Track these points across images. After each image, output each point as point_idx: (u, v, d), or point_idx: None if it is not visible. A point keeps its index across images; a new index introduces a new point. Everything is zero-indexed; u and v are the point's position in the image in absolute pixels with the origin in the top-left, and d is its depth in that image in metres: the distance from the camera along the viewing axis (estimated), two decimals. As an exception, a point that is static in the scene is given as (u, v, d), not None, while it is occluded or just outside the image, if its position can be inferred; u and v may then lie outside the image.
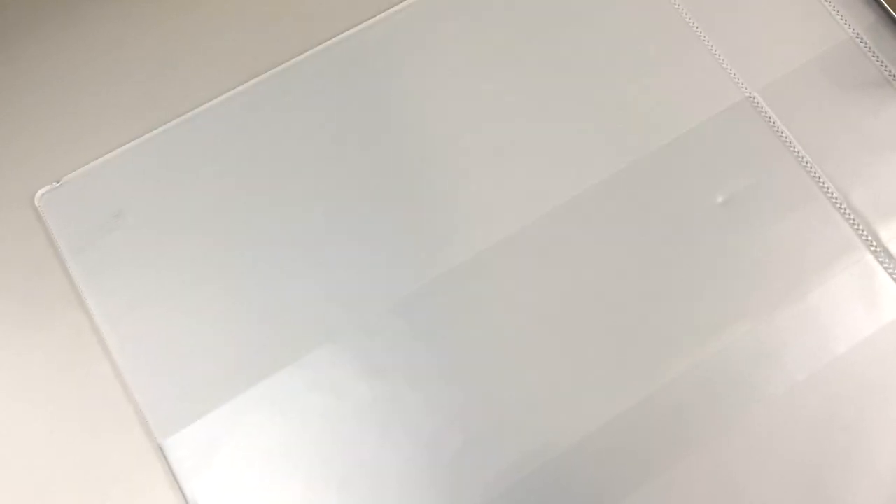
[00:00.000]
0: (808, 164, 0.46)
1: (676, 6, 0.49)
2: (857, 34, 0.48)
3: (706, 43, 0.48)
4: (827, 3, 0.49)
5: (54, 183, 0.43)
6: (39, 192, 0.43)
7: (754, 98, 0.47)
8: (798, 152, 0.46)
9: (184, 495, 0.39)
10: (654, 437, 0.41)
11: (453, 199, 0.45)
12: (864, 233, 0.45)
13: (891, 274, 0.44)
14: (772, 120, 0.47)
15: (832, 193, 0.45)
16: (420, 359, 0.42)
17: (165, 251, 0.43)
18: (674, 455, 0.40)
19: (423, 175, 0.45)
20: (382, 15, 0.48)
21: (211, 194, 0.44)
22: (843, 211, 0.45)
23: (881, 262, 0.44)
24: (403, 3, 0.48)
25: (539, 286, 0.43)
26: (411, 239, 0.44)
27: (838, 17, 0.49)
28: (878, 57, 0.48)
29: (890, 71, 0.48)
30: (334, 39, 0.47)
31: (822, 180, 0.46)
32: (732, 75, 0.47)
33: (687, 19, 0.48)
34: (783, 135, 0.47)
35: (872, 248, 0.44)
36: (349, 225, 0.44)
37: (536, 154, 0.46)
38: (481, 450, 0.40)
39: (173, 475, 0.39)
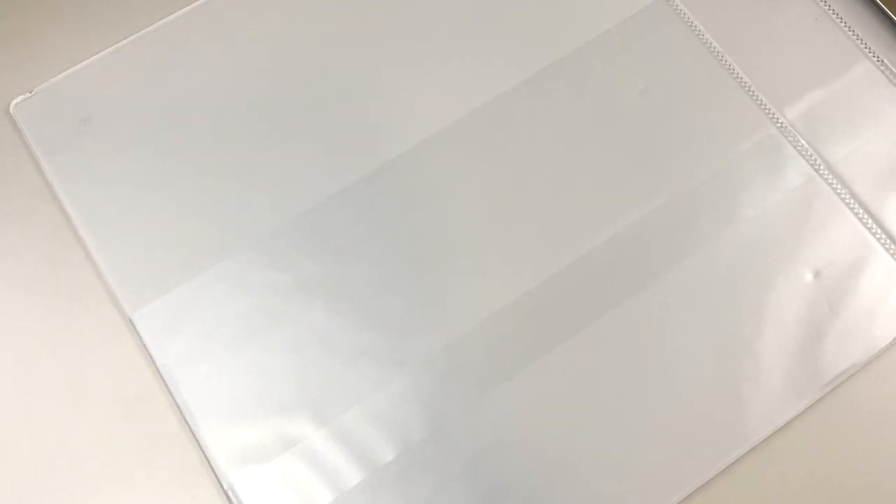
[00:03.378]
0: (720, 55, 0.50)
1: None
2: (763, -65, 0.52)
3: (623, -52, 0.52)
4: None
5: (27, 93, 0.47)
6: (14, 102, 0.47)
7: (670, -3, 0.51)
8: (711, 45, 0.50)
9: (153, 361, 0.43)
10: (581, 296, 0.45)
11: (392, 98, 0.49)
12: (772, 112, 0.48)
13: (794, 146, 0.48)
14: (686, 16, 0.51)
15: (742, 79, 0.49)
16: (366, 238, 0.46)
17: (130, 151, 0.47)
18: (599, 310, 0.44)
19: (365, 78, 0.49)
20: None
21: (171, 100, 0.48)
22: (751, 94, 0.49)
23: (786, 137, 0.48)
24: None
25: (475, 172, 0.47)
26: (355, 133, 0.48)
27: (745, -79, 0.53)
28: (784, -44, 0.52)
29: (795, -32, 0.52)
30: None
31: (733, 68, 0.50)
32: (648, -23, 0.52)
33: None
34: (697, 29, 0.51)
35: (778, 125, 0.48)
36: (296, 123, 0.48)
37: (464, 54, 0.50)
38: (423, 313, 0.44)
39: (143, 344, 0.43)
